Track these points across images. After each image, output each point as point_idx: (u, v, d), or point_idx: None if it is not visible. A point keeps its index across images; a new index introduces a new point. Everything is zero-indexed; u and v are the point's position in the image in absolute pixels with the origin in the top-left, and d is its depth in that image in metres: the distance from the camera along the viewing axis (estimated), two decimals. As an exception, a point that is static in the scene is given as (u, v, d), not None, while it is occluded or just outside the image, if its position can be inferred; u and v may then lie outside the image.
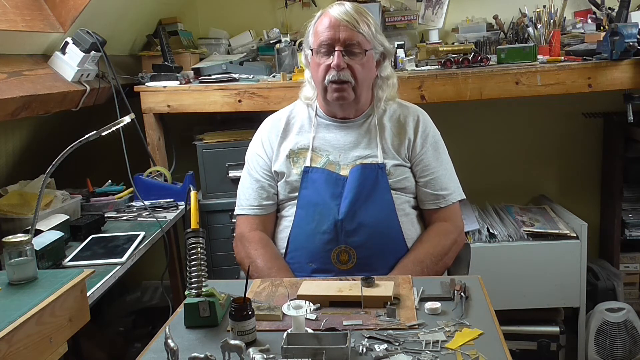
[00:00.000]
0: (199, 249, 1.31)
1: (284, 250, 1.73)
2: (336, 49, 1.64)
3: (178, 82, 2.44)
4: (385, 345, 1.15)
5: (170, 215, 2.15)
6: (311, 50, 1.70)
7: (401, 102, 1.85)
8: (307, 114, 1.81)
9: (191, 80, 2.51)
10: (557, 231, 2.45)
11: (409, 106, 1.84)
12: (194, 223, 1.34)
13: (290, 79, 2.38)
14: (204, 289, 1.30)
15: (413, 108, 1.83)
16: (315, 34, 1.69)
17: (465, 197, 1.81)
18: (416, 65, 2.46)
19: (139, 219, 2.11)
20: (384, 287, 1.37)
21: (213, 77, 2.46)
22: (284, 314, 1.27)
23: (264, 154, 1.80)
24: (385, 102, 1.78)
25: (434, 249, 1.68)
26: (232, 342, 1.10)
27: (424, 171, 1.75)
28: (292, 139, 1.77)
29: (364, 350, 1.14)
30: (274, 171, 1.77)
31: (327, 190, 1.68)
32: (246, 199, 1.80)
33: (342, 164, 1.71)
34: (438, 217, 1.76)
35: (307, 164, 1.72)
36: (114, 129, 1.71)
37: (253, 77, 2.46)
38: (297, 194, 1.72)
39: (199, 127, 2.62)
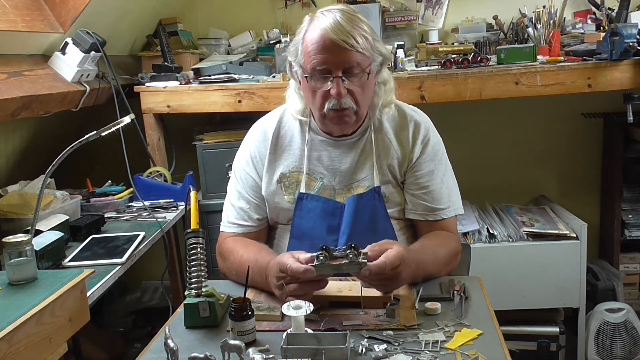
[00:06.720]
0: (199, 249, 1.31)
1: None
2: (334, 75, 1.43)
3: (178, 83, 2.44)
4: (384, 346, 1.15)
5: (170, 216, 2.15)
6: (305, 76, 1.48)
7: (400, 106, 1.65)
8: (298, 127, 1.62)
9: (191, 80, 2.51)
10: (557, 231, 2.45)
11: (406, 112, 1.63)
12: (194, 223, 1.34)
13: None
14: (203, 289, 1.30)
15: (411, 115, 1.62)
16: (305, 54, 1.46)
17: (463, 212, 1.64)
18: (416, 66, 2.46)
19: (138, 219, 2.11)
20: (383, 288, 1.37)
21: (213, 77, 2.46)
22: (283, 314, 1.27)
23: (255, 173, 1.62)
24: (381, 108, 1.59)
25: (438, 246, 1.51)
26: (232, 342, 1.10)
27: (417, 180, 1.57)
28: (283, 160, 1.60)
29: (364, 350, 1.14)
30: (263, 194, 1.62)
31: (324, 223, 1.54)
32: (235, 217, 1.63)
33: (337, 188, 1.57)
34: (431, 228, 1.58)
35: (302, 189, 1.56)
36: (114, 129, 1.71)
37: (253, 78, 2.47)
38: (288, 220, 1.59)
39: (199, 127, 2.62)
